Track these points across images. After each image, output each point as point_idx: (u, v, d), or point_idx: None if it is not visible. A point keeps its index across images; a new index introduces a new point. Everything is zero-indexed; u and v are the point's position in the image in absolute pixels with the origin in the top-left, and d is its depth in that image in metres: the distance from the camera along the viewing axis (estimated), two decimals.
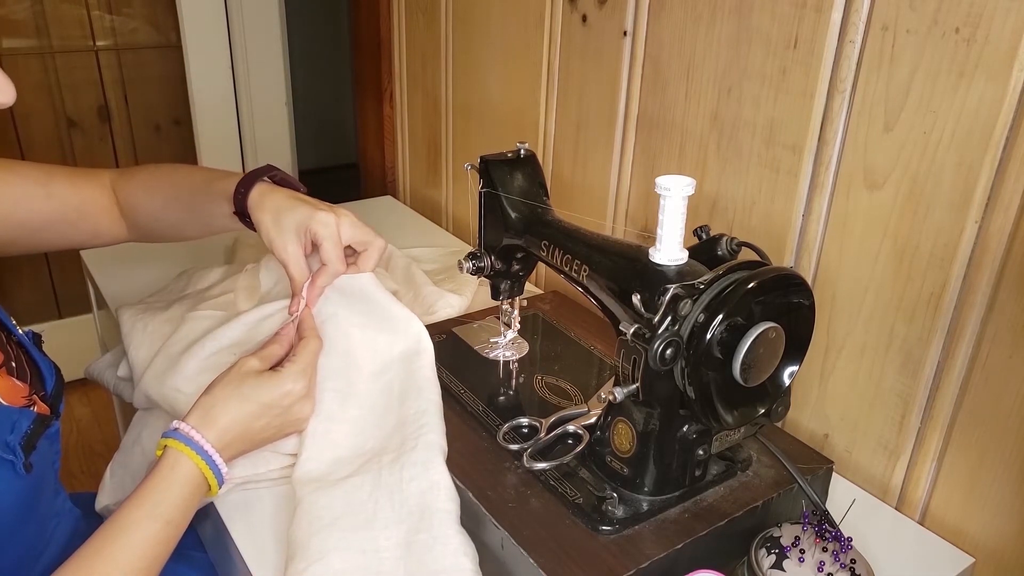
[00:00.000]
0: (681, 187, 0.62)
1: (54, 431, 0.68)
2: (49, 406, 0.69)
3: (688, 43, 0.90)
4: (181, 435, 0.66)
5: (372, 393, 0.77)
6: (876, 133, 0.74)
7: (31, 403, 0.67)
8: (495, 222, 0.84)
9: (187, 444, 0.66)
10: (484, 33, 1.25)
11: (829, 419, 0.85)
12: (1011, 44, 0.63)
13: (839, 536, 0.63)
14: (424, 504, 0.67)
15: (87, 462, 1.92)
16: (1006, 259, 0.68)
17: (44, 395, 0.70)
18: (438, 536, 0.64)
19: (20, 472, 0.63)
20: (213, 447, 0.67)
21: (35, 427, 0.65)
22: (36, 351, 0.73)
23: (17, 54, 1.97)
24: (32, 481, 0.65)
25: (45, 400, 0.69)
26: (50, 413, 0.69)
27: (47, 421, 0.67)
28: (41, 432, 0.66)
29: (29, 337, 0.74)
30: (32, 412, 0.66)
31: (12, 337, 0.72)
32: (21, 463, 0.63)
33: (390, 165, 1.69)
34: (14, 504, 0.64)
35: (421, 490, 0.68)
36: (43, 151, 2.08)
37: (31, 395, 0.68)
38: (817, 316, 0.65)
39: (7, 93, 0.60)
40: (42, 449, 0.66)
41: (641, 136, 1.00)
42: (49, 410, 0.69)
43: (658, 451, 0.66)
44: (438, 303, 1.05)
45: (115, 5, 2.06)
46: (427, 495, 0.67)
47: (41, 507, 0.70)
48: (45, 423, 0.66)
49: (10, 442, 0.62)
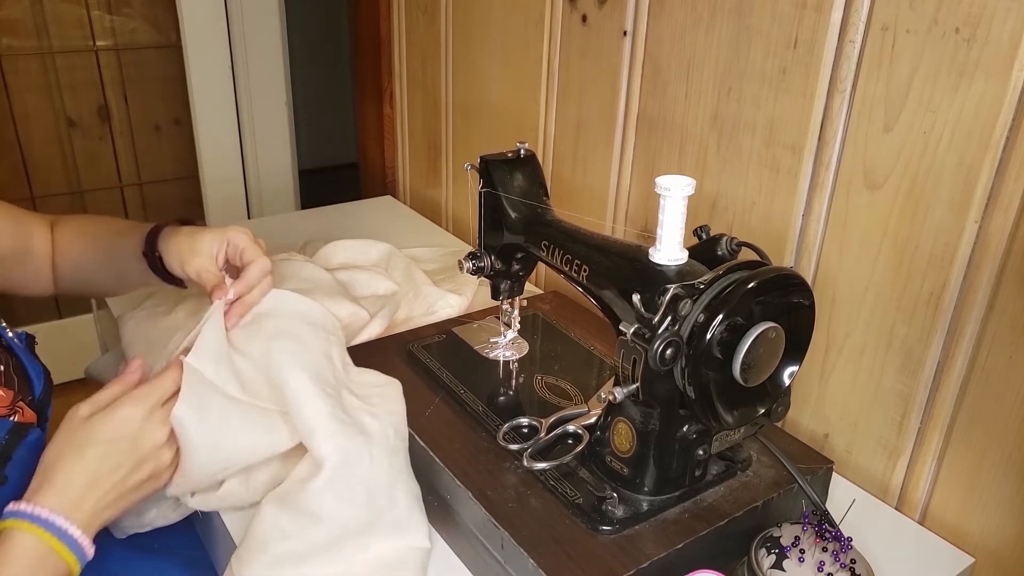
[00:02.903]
0: (681, 187, 0.62)
1: (34, 439, 0.66)
2: (36, 411, 0.68)
3: (688, 43, 0.90)
4: (12, 511, 0.57)
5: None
6: (876, 133, 0.74)
7: (12, 411, 0.65)
8: (495, 222, 0.84)
9: (19, 518, 0.56)
10: (484, 33, 1.25)
11: (829, 419, 0.85)
12: (1011, 44, 0.63)
13: (839, 536, 0.63)
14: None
15: None
16: (1006, 259, 0.68)
17: (31, 400, 0.68)
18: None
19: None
20: (55, 512, 0.57)
21: (11, 437, 0.63)
22: (26, 355, 0.72)
23: (17, 54, 1.97)
24: (8, 492, 0.62)
25: (32, 406, 0.68)
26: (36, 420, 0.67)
27: (24, 430, 0.65)
28: (17, 442, 0.64)
29: (22, 340, 0.73)
30: (8, 422, 0.64)
31: (2, 342, 0.71)
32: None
33: (390, 165, 1.69)
34: None
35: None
36: (43, 151, 2.08)
37: (15, 403, 0.66)
38: (817, 316, 0.65)
39: None
40: (19, 459, 0.64)
41: (641, 136, 1.00)
42: (36, 416, 0.68)
43: (658, 451, 0.66)
44: (438, 303, 1.05)
45: (115, 5, 2.06)
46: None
47: None
48: (22, 432, 0.64)
49: None
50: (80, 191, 2.16)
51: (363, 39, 1.64)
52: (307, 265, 1.02)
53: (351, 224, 1.44)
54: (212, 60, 2.04)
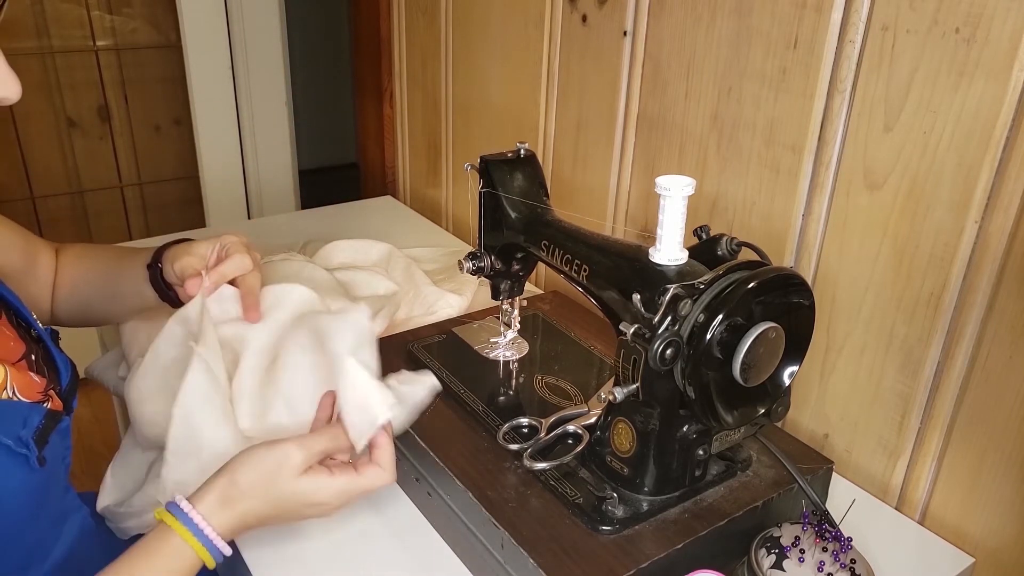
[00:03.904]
0: (681, 187, 0.62)
1: (65, 427, 0.68)
2: (63, 401, 0.69)
3: (688, 43, 0.90)
4: (186, 518, 0.60)
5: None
6: (876, 133, 0.74)
7: (46, 398, 0.67)
8: (495, 222, 0.84)
9: (190, 530, 0.60)
10: (484, 33, 1.25)
11: (829, 419, 0.85)
12: (1011, 44, 0.63)
13: (839, 536, 0.63)
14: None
15: (88, 462, 1.92)
16: (1006, 259, 0.68)
17: (59, 390, 0.70)
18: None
19: (34, 466, 0.63)
20: (218, 533, 0.61)
21: (47, 422, 0.65)
22: (54, 346, 0.74)
23: (17, 54, 1.97)
24: (45, 476, 0.65)
25: (60, 395, 0.70)
26: (63, 408, 0.69)
27: (58, 417, 0.67)
28: (52, 427, 0.65)
29: (48, 333, 0.74)
30: (44, 407, 0.65)
31: (32, 331, 0.73)
32: (35, 457, 0.62)
33: (390, 165, 1.69)
34: (28, 498, 0.64)
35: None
36: (43, 151, 2.08)
37: (47, 390, 0.68)
38: (817, 316, 0.65)
39: (12, 88, 0.59)
40: (54, 444, 0.66)
41: (641, 136, 1.00)
42: (63, 405, 0.69)
43: (658, 451, 0.66)
44: (438, 303, 1.05)
45: (115, 5, 2.06)
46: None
47: (52, 503, 0.70)
48: (56, 418, 0.66)
49: (23, 436, 0.62)
50: (80, 191, 2.16)
51: (363, 39, 1.64)
52: (307, 265, 1.02)
53: (351, 224, 1.44)
54: (212, 60, 2.04)
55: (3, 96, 0.59)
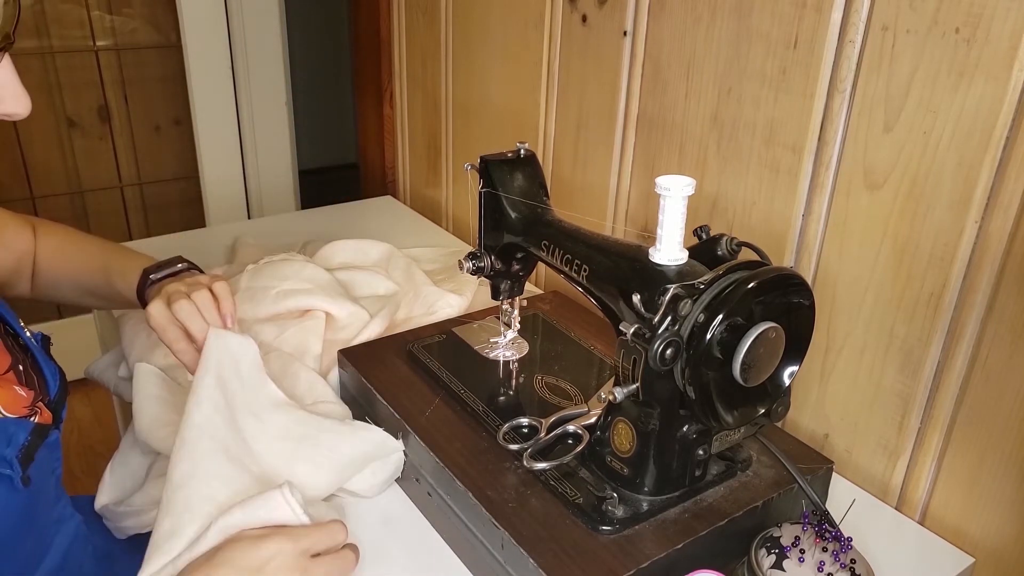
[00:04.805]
0: (681, 187, 0.62)
1: (54, 440, 0.66)
2: (52, 411, 0.68)
3: (688, 43, 0.90)
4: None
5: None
6: (876, 133, 0.74)
7: (33, 412, 0.65)
8: (495, 222, 0.84)
9: None
10: (484, 33, 1.25)
11: (829, 419, 0.85)
12: (1011, 44, 0.63)
13: (839, 536, 0.63)
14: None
15: (88, 462, 1.92)
16: (1006, 259, 0.68)
17: (48, 400, 0.69)
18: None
19: (18, 487, 0.61)
20: None
21: (33, 439, 0.63)
22: (42, 355, 0.72)
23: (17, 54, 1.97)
24: (30, 494, 0.63)
25: (48, 406, 0.68)
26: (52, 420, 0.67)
27: (45, 431, 0.65)
28: (39, 443, 0.64)
29: (37, 340, 0.73)
30: (30, 423, 0.64)
31: (19, 340, 0.71)
32: (19, 477, 0.61)
33: (390, 165, 1.69)
34: (12, 520, 0.62)
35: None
36: (43, 151, 2.08)
37: (35, 403, 0.66)
38: (817, 316, 0.65)
39: (24, 104, 0.59)
40: (40, 460, 0.64)
41: (641, 136, 1.00)
42: (52, 416, 0.68)
43: (658, 451, 0.66)
44: (438, 303, 1.05)
45: (115, 5, 2.06)
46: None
47: (41, 516, 0.68)
48: (43, 433, 0.64)
49: (7, 456, 0.60)
50: (80, 191, 2.16)
51: (363, 39, 1.64)
52: (307, 265, 1.02)
53: (351, 224, 1.44)
54: (212, 60, 2.05)
55: (14, 112, 0.59)
